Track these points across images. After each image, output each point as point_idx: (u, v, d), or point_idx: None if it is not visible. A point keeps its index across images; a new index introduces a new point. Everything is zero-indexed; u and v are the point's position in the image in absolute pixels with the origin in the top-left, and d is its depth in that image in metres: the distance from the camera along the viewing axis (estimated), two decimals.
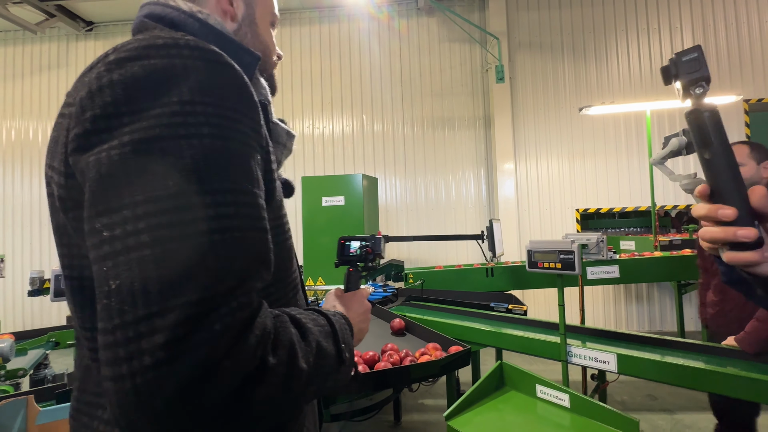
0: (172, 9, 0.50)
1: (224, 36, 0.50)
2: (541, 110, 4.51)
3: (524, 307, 2.08)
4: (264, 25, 0.61)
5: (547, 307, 4.25)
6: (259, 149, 0.43)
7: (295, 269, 0.58)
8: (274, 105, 0.59)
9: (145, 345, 0.31)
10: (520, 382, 1.44)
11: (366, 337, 1.84)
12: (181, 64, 0.38)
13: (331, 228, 3.24)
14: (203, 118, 0.37)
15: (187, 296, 0.32)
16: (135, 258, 0.32)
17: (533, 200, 4.47)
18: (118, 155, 0.35)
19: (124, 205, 0.34)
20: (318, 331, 0.45)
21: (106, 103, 0.37)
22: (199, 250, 0.34)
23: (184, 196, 0.34)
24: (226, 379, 0.33)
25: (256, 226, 0.39)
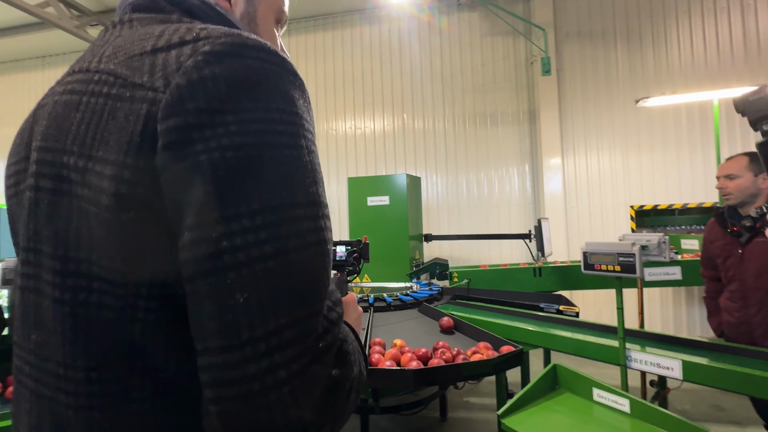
0: None
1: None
2: (591, 102, 4.30)
3: (576, 309, 2.03)
4: (265, 24, 0.55)
5: (598, 309, 4.07)
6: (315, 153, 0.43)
7: None
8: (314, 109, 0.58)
9: (279, 359, 0.30)
10: (575, 385, 1.43)
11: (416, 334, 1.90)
12: (272, 71, 0.37)
13: (376, 227, 3.33)
14: (298, 129, 0.37)
15: (312, 306, 0.33)
16: (260, 270, 0.31)
17: (582, 197, 4.29)
18: (233, 157, 0.32)
19: (243, 214, 0.32)
20: (352, 338, 0.46)
21: (211, 97, 0.34)
22: (316, 260, 0.34)
23: (293, 207, 0.34)
24: (343, 383, 0.34)
25: (330, 236, 0.39)
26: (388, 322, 2.02)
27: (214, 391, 0.31)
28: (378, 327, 1.93)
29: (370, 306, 2.22)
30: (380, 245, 3.31)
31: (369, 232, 3.36)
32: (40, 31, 4.80)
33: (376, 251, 3.34)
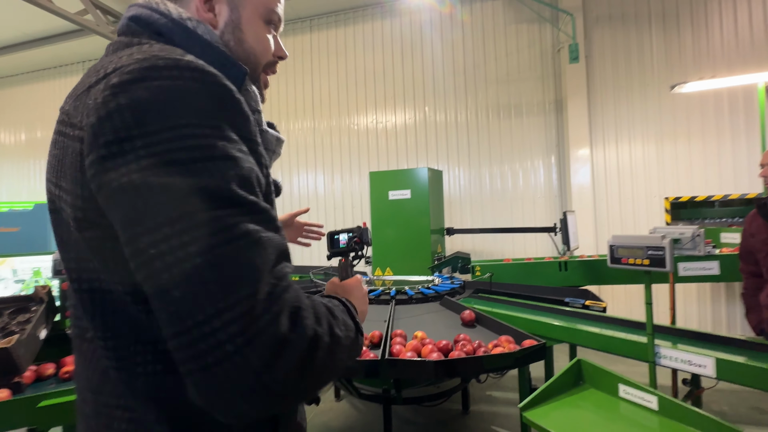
0: (161, 15, 0.49)
1: (212, 46, 0.50)
2: (623, 90, 4.10)
3: (603, 304, 1.97)
4: (252, 29, 0.56)
5: (628, 305, 3.92)
6: (257, 164, 0.46)
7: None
8: (265, 113, 0.61)
9: (222, 336, 0.35)
10: (600, 380, 1.40)
11: (437, 327, 1.91)
12: (184, 87, 0.40)
13: (398, 221, 3.34)
14: (212, 140, 0.40)
15: (245, 290, 0.37)
16: (189, 267, 0.36)
17: (612, 189, 4.12)
18: (140, 179, 0.38)
19: (161, 224, 0.37)
20: (333, 307, 0.51)
21: (117, 128, 0.38)
22: (241, 252, 0.38)
23: (212, 209, 0.38)
24: (297, 347, 0.38)
25: (275, 226, 0.43)
26: (410, 315, 2.04)
27: (182, 367, 0.37)
28: (399, 320, 1.96)
29: (392, 299, 2.25)
30: (402, 239, 3.33)
31: (390, 226, 3.38)
32: (79, 37, 5.09)
33: (398, 245, 3.38)
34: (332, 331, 0.44)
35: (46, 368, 1.48)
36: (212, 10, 0.54)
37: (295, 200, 5.09)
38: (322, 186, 5.00)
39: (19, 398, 1.22)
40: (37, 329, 1.48)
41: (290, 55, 5.07)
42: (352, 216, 4.85)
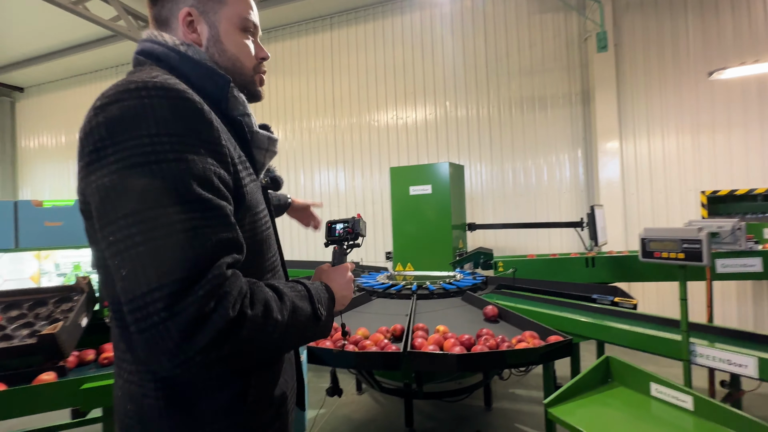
0: (159, 45, 0.62)
1: (200, 64, 0.62)
2: (655, 78, 3.91)
3: (634, 301, 1.90)
4: (231, 39, 0.67)
5: (660, 303, 3.75)
6: (220, 164, 0.54)
7: (272, 256, 0.69)
8: (255, 116, 0.70)
9: (152, 309, 0.45)
10: (630, 378, 1.35)
11: (459, 321, 1.90)
12: (149, 104, 0.50)
13: (419, 216, 3.33)
14: (168, 146, 0.49)
15: (175, 275, 0.46)
16: (134, 253, 0.46)
17: (643, 183, 3.94)
18: (107, 182, 0.48)
19: (119, 217, 0.47)
20: (294, 294, 0.60)
21: (95, 140, 0.50)
22: (178, 243, 0.47)
23: (161, 206, 0.47)
24: (218, 323, 0.47)
25: (220, 221, 0.51)
26: (431, 310, 2.04)
27: (131, 325, 0.47)
28: (421, 314, 1.95)
29: (413, 293, 2.24)
30: (423, 234, 3.31)
31: (411, 221, 3.38)
32: (112, 43, 5.33)
33: (419, 240, 3.37)
34: (267, 314, 0.52)
35: (87, 354, 1.57)
36: (195, 31, 0.65)
37: (316, 196, 5.16)
38: (342, 182, 5.05)
39: (64, 381, 1.30)
40: (79, 317, 1.57)
41: (311, 54, 5.15)
42: (372, 211, 4.87)
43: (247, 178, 0.61)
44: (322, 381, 2.78)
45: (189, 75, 0.60)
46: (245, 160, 0.63)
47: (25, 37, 5.28)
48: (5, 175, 7.00)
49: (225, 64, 0.66)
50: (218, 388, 0.58)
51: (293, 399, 0.74)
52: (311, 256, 5.07)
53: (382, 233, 4.80)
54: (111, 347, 1.60)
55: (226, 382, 0.58)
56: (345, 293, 0.76)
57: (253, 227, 0.62)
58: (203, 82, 0.61)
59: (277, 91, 5.36)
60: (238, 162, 0.59)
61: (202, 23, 0.65)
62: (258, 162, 0.68)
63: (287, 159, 5.31)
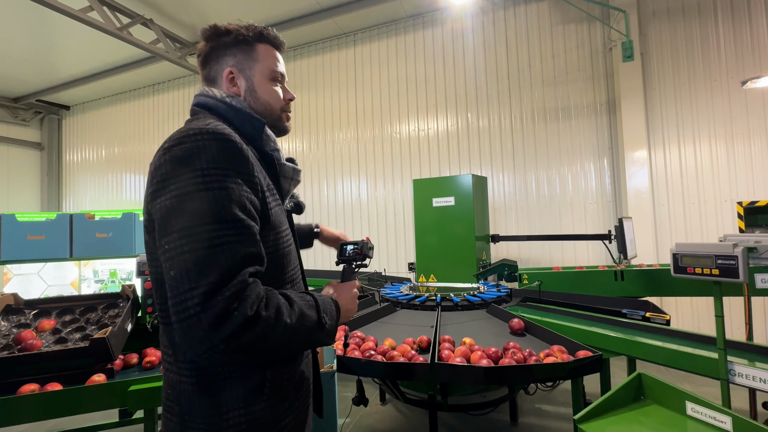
0: (210, 98, 0.79)
1: (241, 111, 0.78)
2: (685, 87, 3.82)
3: (666, 316, 1.85)
4: (263, 88, 0.84)
5: (695, 320, 3.60)
6: (252, 191, 0.69)
7: (293, 269, 0.81)
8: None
9: (190, 303, 0.58)
10: (664, 397, 1.32)
11: (485, 334, 1.91)
12: (202, 145, 0.66)
13: (441, 228, 3.35)
14: (215, 178, 0.64)
15: (210, 278, 0.59)
16: (181, 260, 0.60)
17: (675, 193, 3.82)
18: (168, 204, 0.64)
19: (174, 231, 0.62)
20: (303, 303, 0.71)
21: (162, 173, 0.66)
22: (214, 254, 0.61)
23: (205, 224, 0.62)
24: (238, 319, 0.59)
25: (248, 238, 0.65)
26: (456, 322, 2.05)
27: (173, 317, 0.60)
28: (445, 326, 1.97)
29: (437, 305, 2.26)
30: (445, 246, 3.33)
31: (434, 233, 3.40)
32: (149, 64, 5.68)
33: (442, 252, 3.39)
34: (278, 317, 0.64)
35: (131, 357, 1.68)
36: (236, 85, 0.83)
37: (339, 207, 5.26)
38: (364, 193, 5.13)
39: (113, 382, 1.40)
40: (125, 322, 1.68)
41: (335, 69, 5.31)
42: (395, 222, 4.92)
43: (273, 203, 0.75)
44: (347, 390, 2.81)
45: (232, 120, 0.77)
46: (273, 187, 0.77)
47: (73, 60, 5.71)
48: (51, 187, 7.50)
49: (259, 109, 0.84)
50: (240, 379, 0.69)
51: (308, 399, 0.84)
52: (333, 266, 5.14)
53: (404, 244, 4.83)
54: (153, 351, 1.70)
55: (246, 374, 0.70)
56: (350, 307, 0.87)
57: (276, 244, 0.75)
58: (243, 125, 0.77)
59: (302, 105, 5.54)
60: (266, 189, 0.73)
61: (240, 78, 0.82)
62: (284, 189, 0.83)
63: (311, 170, 5.46)
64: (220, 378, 0.69)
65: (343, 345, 1.70)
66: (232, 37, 0.82)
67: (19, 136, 7.27)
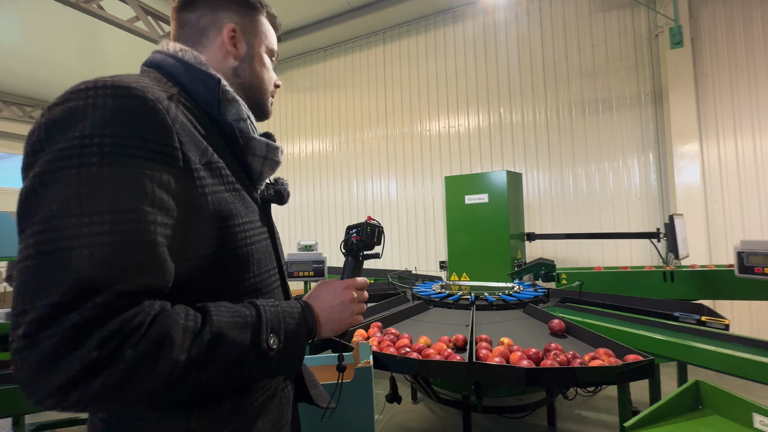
0: (159, 53, 0.62)
1: (192, 67, 0.60)
2: (743, 73, 3.51)
3: (725, 321, 1.71)
4: (261, 62, 0.71)
5: (754, 325, 3.31)
6: (166, 170, 0.48)
7: (260, 274, 0.60)
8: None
9: (15, 334, 0.40)
10: (725, 407, 1.22)
11: (523, 335, 1.84)
12: (92, 103, 0.45)
13: (474, 226, 3.28)
14: (97, 149, 0.43)
15: (44, 299, 0.39)
16: (22, 267, 0.41)
17: (730, 188, 3.53)
18: (29, 185, 0.43)
19: (29, 225, 0.42)
20: (229, 322, 0.50)
21: (33, 142, 0.46)
22: (63, 262, 0.40)
23: (67, 216, 0.41)
24: (72, 365, 0.39)
25: (136, 238, 0.44)
26: (491, 321, 2.00)
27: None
28: (480, 325, 1.92)
29: (471, 304, 2.22)
30: (479, 244, 3.26)
31: (466, 230, 3.34)
32: None
33: (475, 250, 3.32)
34: (158, 353, 0.43)
35: None
36: (235, 47, 0.68)
37: (369, 206, 5.29)
38: (394, 191, 5.13)
39: None
40: None
41: (364, 68, 5.34)
42: (425, 220, 4.88)
43: (216, 187, 0.55)
44: (378, 388, 2.83)
45: (182, 79, 0.60)
46: (222, 166, 0.57)
47: (121, 68, 6.08)
48: None
49: (251, 81, 0.70)
50: (159, 422, 0.51)
51: None
52: None
53: (434, 242, 4.78)
54: None
55: (165, 419, 0.51)
56: (335, 316, 0.64)
57: (225, 241, 0.55)
58: (196, 85, 0.60)
59: (332, 104, 5.61)
60: (202, 167, 0.53)
61: (242, 42, 0.68)
62: (254, 170, 0.65)
63: (341, 169, 5.52)
64: (134, 418, 0.50)
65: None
66: None
67: None
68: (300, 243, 3.57)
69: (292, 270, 1.54)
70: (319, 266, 1.55)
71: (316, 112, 5.78)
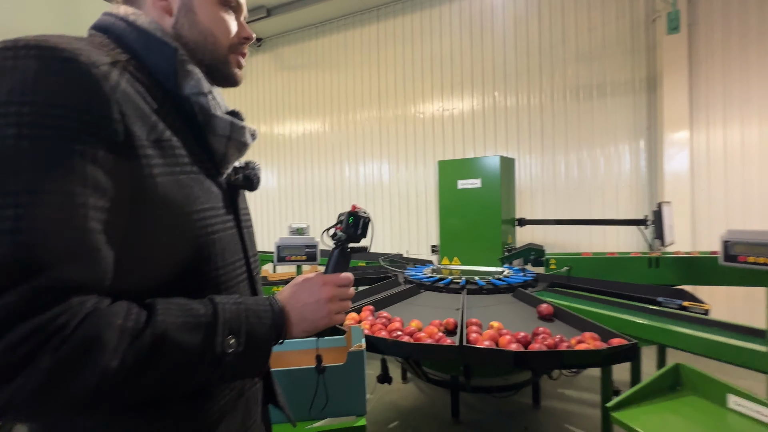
0: (109, 16, 0.53)
1: (146, 32, 0.52)
2: (736, 60, 3.52)
3: (706, 306, 1.77)
4: (206, 11, 0.57)
5: (731, 309, 3.45)
6: (102, 145, 0.41)
7: (224, 266, 0.54)
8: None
9: None
10: (703, 388, 1.28)
11: (512, 318, 1.88)
12: (10, 65, 0.39)
13: (466, 210, 3.30)
14: (14, 119, 0.37)
15: None
16: None
17: (716, 177, 3.60)
18: None
19: None
20: (179, 324, 0.44)
21: None
22: None
23: None
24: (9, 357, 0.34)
25: (60, 226, 0.38)
26: (482, 305, 2.03)
27: None
28: (471, 309, 1.96)
29: (462, 288, 2.25)
30: (470, 229, 3.28)
31: (459, 215, 3.35)
32: None
33: (466, 235, 3.34)
34: (82, 358, 0.38)
35: None
36: (164, 0, 0.55)
37: (361, 189, 5.26)
38: (386, 174, 5.09)
39: None
40: None
41: (357, 46, 5.20)
42: (417, 204, 4.88)
43: (168, 168, 0.48)
44: (369, 368, 2.88)
45: (135, 46, 0.51)
46: (176, 145, 0.50)
47: None
48: None
49: (195, 38, 0.56)
50: (102, 430, 0.46)
51: None
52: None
53: (426, 226, 4.80)
54: None
55: (111, 425, 0.46)
56: (309, 316, 0.57)
57: (176, 229, 0.48)
58: (150, 53, 0.51)
59: (324, 83, 5.48)
60: (150, 144, 0.46)
61: None
62: (217, 152, 0.56)
63: (332, 150, 5.45)
64: (75, 424, 0.45)
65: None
66: None
67: None
68: (291, 226, 3.54)
69: (284, 254, 1.53)
70: (311, 251, 1.54)
71: (307, 91, 5.64)
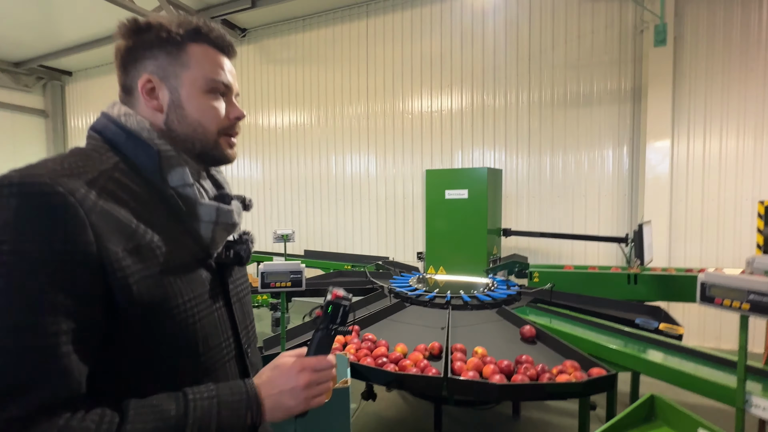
0: (105, 117, 0.59)
1: (131, 134, 0.57)
2: (717, 76, 3.60)
3: (680, 330, 1.84)
4: (193, 104, 0.60)
5: (701, 324, 3.61)
6: (78, 269, 0.46)
7: (198, 354, 0.56)
8: None
9: None
10: (676, 421, 1.33)
11: (496, 341, 1.90)
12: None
13: (453, 220, 3.31)
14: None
15: None
16: None
17: (694, 187, 3.71)
18: None
19: None
20: (146, 420, 0.47)
21: None
22: None
23: None
24: None
25: (29, 358, 0.43)
26: (467, 323, 2.06)
27: None
28: (456, 328, 1.98)
29: (447, 303, 2.27)
30: (456, 239, 3.30)
31: (445, 224, 3.36)
32: None
33: (452, 244, 3.36)
34: None
35: None
36: (156, 98, 0.60)
37: (347, 185, 5.20)
38: (374, 171, 5.05)
39: None
40: None
41: (346, 41, 5.06)
42: (404, 205, 4.87)
43: (147, 271, 0.51)
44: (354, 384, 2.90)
45: (124, 148, 0.57)
46: (157, 245, 0.53)
47: (75, 24, 5.48)
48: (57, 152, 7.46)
49: (185, 131, 0.61)
50: None
51: None
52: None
53: (412, 230, 4.81)
54: None
55: None
56: (285, 403, 0.57)
57: (157, 326, 0.52)
58: (137, 154, 0.57)
59: (311, 78, 5.35)
60: (127, 254, 0.50)
61: (163, 89, 0.60)
62: (204, 237, 0.60)
63: (318, 145, 5.36)
64: None
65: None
66: (153, 34, 0.59)
67: (22, 103, 7.14)
68: (276, 232, 3.48)
69: (269, 281, 1.50)
70: (297, 277, 1.52)
71: (293, 85, 5.49)
